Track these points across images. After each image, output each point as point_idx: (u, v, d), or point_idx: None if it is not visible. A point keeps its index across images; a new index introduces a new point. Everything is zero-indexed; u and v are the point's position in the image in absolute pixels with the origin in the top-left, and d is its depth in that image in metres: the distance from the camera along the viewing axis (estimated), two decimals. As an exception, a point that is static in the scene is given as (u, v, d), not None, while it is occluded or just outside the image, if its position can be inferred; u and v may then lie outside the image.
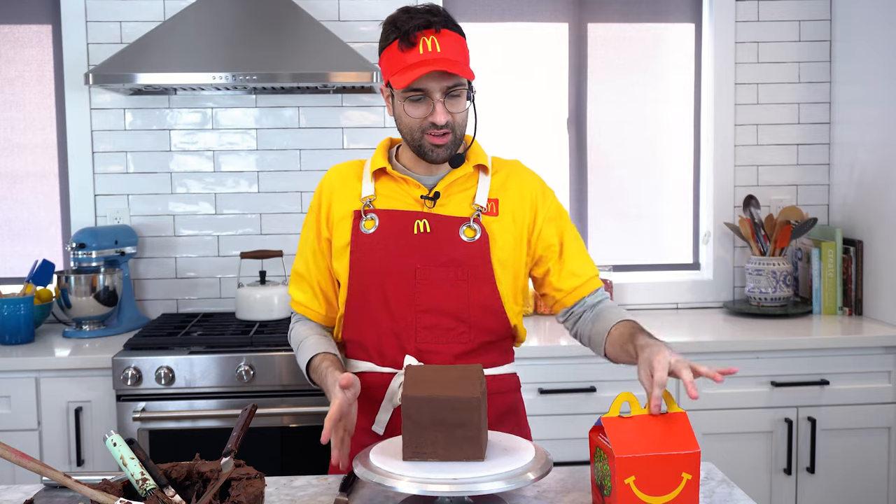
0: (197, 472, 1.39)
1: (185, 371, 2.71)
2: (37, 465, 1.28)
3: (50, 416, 2.75)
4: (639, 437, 1.44)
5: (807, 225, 3.30)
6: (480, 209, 1.81)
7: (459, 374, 1.52)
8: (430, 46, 1.70)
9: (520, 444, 1.56)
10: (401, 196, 1.83)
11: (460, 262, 1.78)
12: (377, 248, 1.80)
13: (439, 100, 1.73)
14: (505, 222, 1.83)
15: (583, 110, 3.51)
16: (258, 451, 2.66)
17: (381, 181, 1.85)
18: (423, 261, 1.78)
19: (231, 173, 3.35)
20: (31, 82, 3.34)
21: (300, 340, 1.90)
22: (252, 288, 3.12)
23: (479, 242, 1.79)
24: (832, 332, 3.03)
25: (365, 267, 1.80)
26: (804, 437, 2.91)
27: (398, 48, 1.72)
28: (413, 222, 1.80)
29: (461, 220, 1.80)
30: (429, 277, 1.78)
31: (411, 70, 1.70)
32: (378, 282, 1.79)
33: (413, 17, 1.73)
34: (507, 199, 1.85)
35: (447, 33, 1.73)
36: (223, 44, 3.00)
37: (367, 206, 1.82)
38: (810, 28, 3.45)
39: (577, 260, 1.89)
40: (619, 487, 1.42)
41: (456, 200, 1.83)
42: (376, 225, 1.81)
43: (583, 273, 1.88)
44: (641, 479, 1.42)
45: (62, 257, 3.37)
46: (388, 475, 1.42)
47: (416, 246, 1.79)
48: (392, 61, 1.74)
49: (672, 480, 1.43)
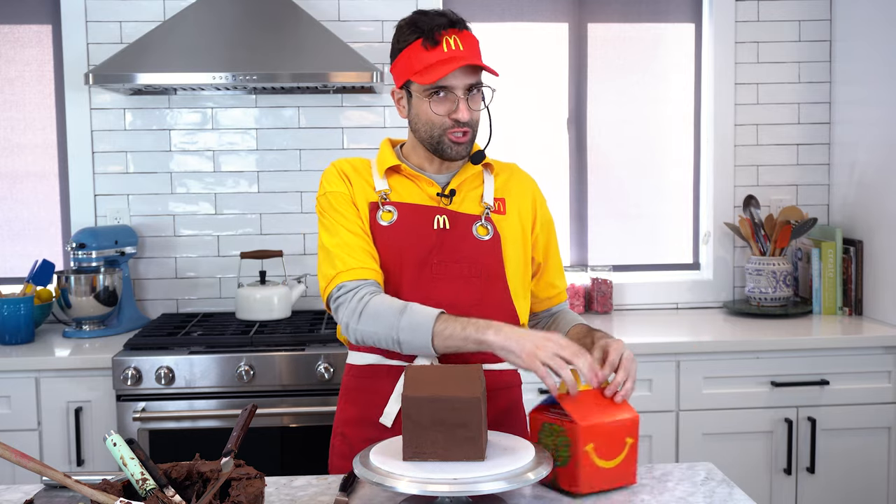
0: (197, 472, 1.39)
1: (185, 371, 2.71)
2: (37, 465, 1.28)
3: (50, 416, 2.75)
4: (591, 409, 1.58)
5: (807, 225, 3.30)
6: (490, 208, 1.86)
7: (460, 373, 1.52)
8: (454, 44, 1.76)
9: (520, 444, 1.56)
10: (415, 192, 1.85)
11: (474, 260, 1.82)
12: (394, 241, 1.81)
13: (462, 97, 1.77)
14: (512, 221, 1.88)
15: (583, 110, 3.51)
16: (258, 451, 2.66)
17: (393, 178, 1.87)
18: (441, 256, 1.81)
19: (231, 173, 3.35)
20: (31, 82, 3.34)
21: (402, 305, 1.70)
22: (252, 288, 3.12)
23: (492, 241, 1.84)
24: (832, 332, 3.03)
25: (381, 259, 1.81)
26: (804, 437, 2.91)
27: (422, 46, 1.76)
28: (433, 217, 1.82)
29: (474, 218, 1.84)
30: (444, 273, 1.81)
31: (441, 66, 1.73)
32: (393, 275, 1.81)
33: (433, 17, 1.77)
34: (512, 198, 1.91)
35: (468, 34, 1.80)
36: (223, 44, 3.00)
37: (383, 199, 1.83)
38: (810, 28, 3.45)
39: (557, 272, 2.00)
40: (580, 455, 1.54)
41: (468, 199, 1.87)
42: (394, 217, 1.82)
43: (559, 285, 2.01)
44: (598, 446, 1.56)
45: (62, 257, 3.37)
46: (389, 475, 1.42)
47: (434, 241, 1.81)
48: (414, 60, 1.77)
49: (619, 445, 1.58)
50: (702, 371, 2.88)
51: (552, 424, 1.59)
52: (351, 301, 1.74)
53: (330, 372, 2.72)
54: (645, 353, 2.82)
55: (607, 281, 3.34)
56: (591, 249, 3.48)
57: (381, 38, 3.33)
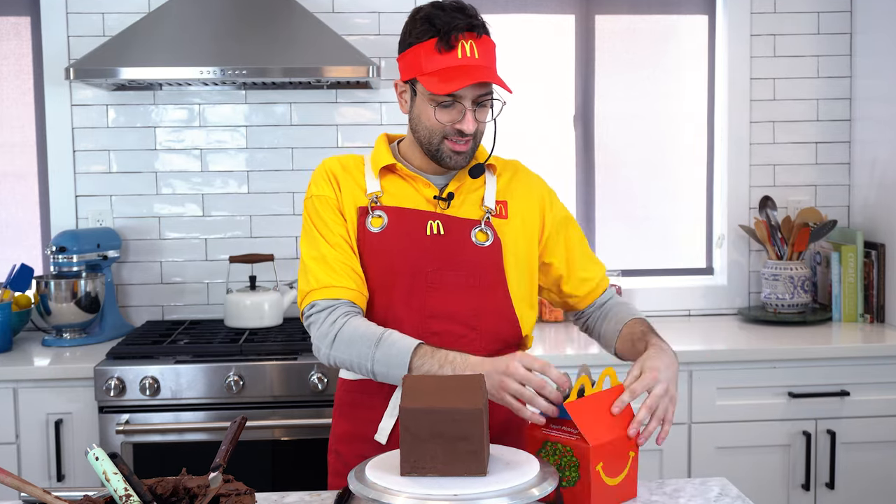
0: (184, 487, 1.39)
1: (171, 381, 2.71)
2: (14, 480, 1.28)
3: (28, 428, 2.75)
4: (599, 422, 1.56)
5: (826, 227, 3.31)
6: (490, 211, 1.84)
7: (460, 383, 1.52)
8: (469, 51, 1.73)
9: (524, 458, 1.56)
10: (410, 195, 1.84)
11: (473, 267, 1.80)
12: (385, 248, 1.80)
13: (470, 108, 1.75)
14: (515, 225, 1.86)
15: (590, 107, 3.51)
16: (248, 466, 2.66)
17: (387, 179, 1.85)
18: (435, 264, 1.79)
19: (219, 173, 3.35)
20: (9, 77, 3.35)
21: (378, 335, 1.70)
22: (241, 294, 3.12)
23: (492, 248, 1.82)
24: (852, 340, 3.03)
25: (371, 267, 1.80)
26: (823, 451, 2.91)
27: (435, 48, 1.73)
28: (426, 223, 1.81)
29: (473, 223, 1.83)
30: (440, 282, 1.79)
31: (452, 76, 1.71)
32: (385, 284, 1.80)
33: (452, 16, 1.73)
34: (515, 201, 1.89)
35: (486, 39, 1.77)
36: (211, 37, 3.00)
37: (373, 203, 1.82)
38: (829, 20, 3.46)
39: (586, 264, 1.97)
40: (592, 476, 1.52)
41: (467, 202, 1.85)
42: (384, 223, 1.80)
43: (593, 277, 1.97)
44: (606, 464, 1.54)
45: (41, 261, 3.37)
46: (385, 491, 1.42)
47: (427, 248, 1.80)
48: (424, 60, 1.74)
49: (624, 459, 1.58)
50: (715, 381, 2.88)
51: (555, 444, 1.57)
52: (323, 324, 1.75)
53: (324, 382, 2.73)
54: (655, 363, 2.82)
55: (616, 286, 3.35)
56: (598, 253, 3.48)
57: (377, 30, 3.33)
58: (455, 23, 1.72)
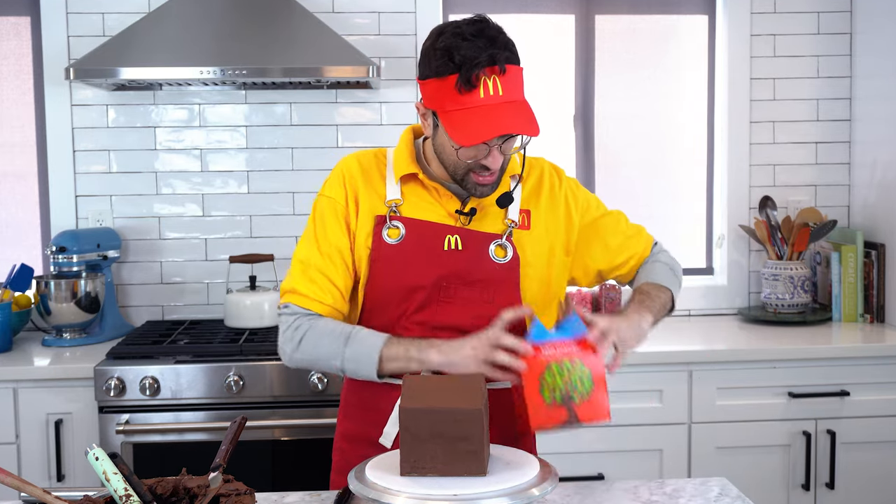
0: (184, 487, 1.39)
1: (171, 381, 2.72)
2: (14, 480, 1.28)
3: (28, 428, 2.75)
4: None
5: (826, 227, 3.31)
6: (513, 224, 1.80)
7: (460, 384, 1.52)
8: (493, 89, 1.63)
9: (524, 459, 1.56)
10: (431, 207, 1.79)
11: (487, 283, 1.77)
12: (400, 262, 1.75)
13: (496, 144, 1.68)
14: (537, 234, 1.82)
15: (590, 107, 3.51)
16: (248, 466, 2.66)
17: (409, 185, 1.80)
18: (449, 279, 1.76)
19: (219, 173, 3.35)
20: (9, 77, 3.35)
21: (346, 333, 1.71)
22: (241, 294, 3.12)
23: (510, 264, 1.77)
24: (853, 340, 3.03)
25: (384, 279, 1.76)
26: (823, 451, 2.91)
27: (455, 88, 1.62)
28: (444, 237, 1.76)
29: (492, 237, 1.78)
30: (452, 296, 1.76)
31: (476, 126, 1.62)
32: (397, 296, 1.76)
33: (473, 47, 1.61)
34: (539, 209, 1.84)
35: (510, 69, 1.65)
36: (211, 37, 3.00)
37: (392, 212, 1.77)
38: (830, 20, 3.46)
39: (624, 242, 1.93)
40: (604, 382, 1.58)
41: (490, 214, 1.80)
42: (402, 235, 1.76)
43: (634, 251, 1.94)
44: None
45: (41, 261, 3.37)
46: (385, 491, 1.42)
47: (443, 263, 1.76)
48: (445, 98, 1.64)
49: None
50: (715, 381, 2.88)
51: (560, 363, 1.58)
52: (289, 328, 1.75)
53: (324, 382, 2.73)
54: (655, 363, 2.82)
55: (615, 286, 3.35)
56: (598, 253, 3.49)
57: (377, 30, 3.33)
58: (476, 59, 1.61)
